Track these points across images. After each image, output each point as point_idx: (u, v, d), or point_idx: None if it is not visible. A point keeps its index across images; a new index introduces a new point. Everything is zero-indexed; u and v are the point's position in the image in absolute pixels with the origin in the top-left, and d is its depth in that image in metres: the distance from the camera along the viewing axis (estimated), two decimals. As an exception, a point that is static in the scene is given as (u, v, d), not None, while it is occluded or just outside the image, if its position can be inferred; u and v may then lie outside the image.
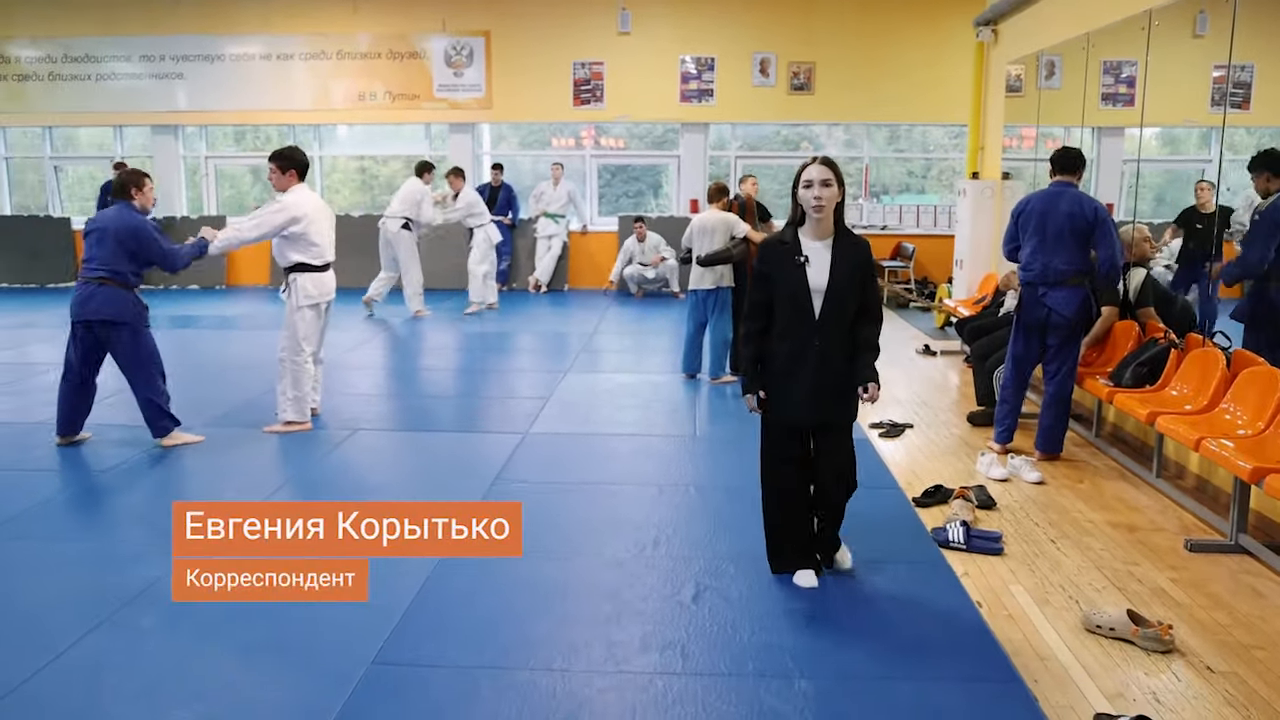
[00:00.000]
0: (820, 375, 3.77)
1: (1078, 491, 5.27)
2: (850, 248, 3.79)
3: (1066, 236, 5.61)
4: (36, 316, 11.36)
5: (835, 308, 3.74)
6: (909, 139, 14.16)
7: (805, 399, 3.80)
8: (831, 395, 3.81)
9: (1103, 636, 3.55)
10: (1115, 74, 10.54)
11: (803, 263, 3.73)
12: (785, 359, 3.80)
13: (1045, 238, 5.64)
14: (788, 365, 3.79)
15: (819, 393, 3.78)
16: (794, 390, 3.80)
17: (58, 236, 14.12)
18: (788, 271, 3.74)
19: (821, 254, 3.75)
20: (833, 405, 3.84)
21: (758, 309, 3.86)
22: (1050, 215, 5.66)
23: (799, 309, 3.75)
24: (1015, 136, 11.59)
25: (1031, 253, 5.70)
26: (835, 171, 3.73)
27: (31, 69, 13.94)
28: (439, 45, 13.42)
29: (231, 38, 13.61)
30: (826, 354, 3.76)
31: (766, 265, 3.83)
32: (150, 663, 3.40)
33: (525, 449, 6.02)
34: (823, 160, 3.73)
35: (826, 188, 3.69)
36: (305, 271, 6.24)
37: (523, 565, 4.21)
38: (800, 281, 3.72)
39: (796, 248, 3.76)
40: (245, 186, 15.34)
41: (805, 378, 3.78)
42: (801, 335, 3.76)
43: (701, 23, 13.21)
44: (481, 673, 3.33)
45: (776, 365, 3.83)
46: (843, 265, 3.74)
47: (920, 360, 8.84)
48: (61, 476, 5.43)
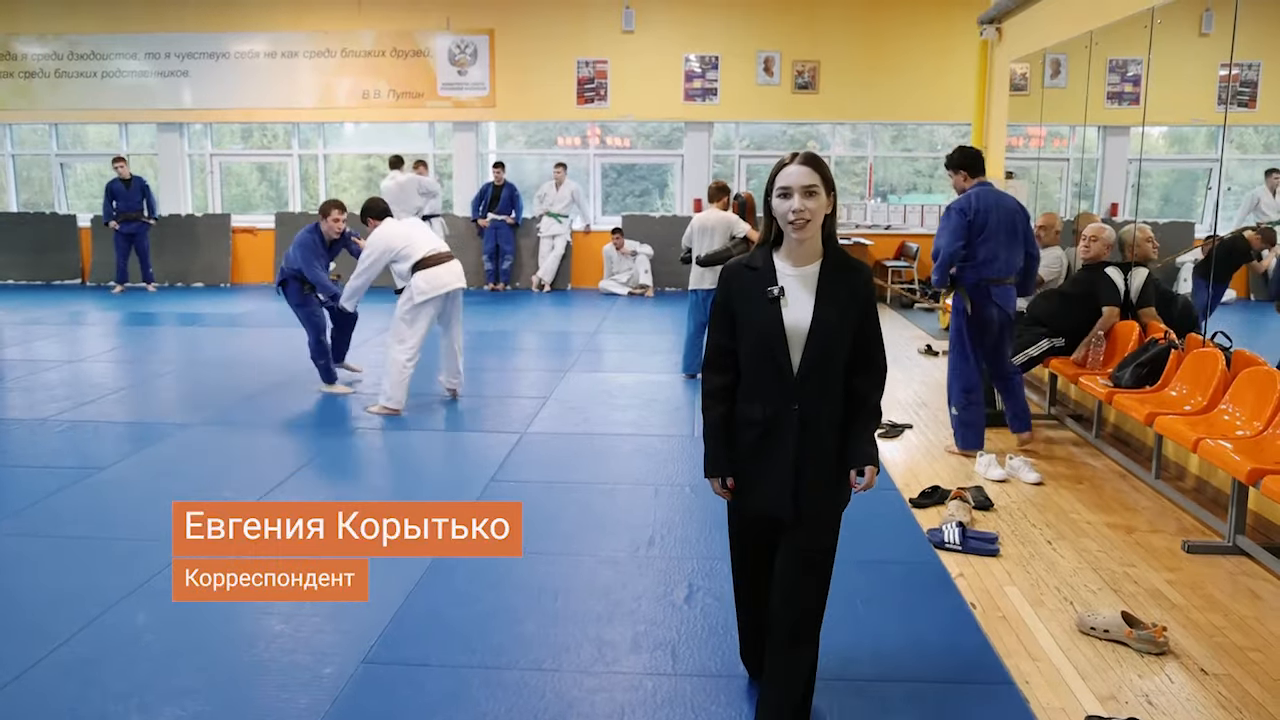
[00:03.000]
0: (801, 452, 2.74)
1: (1076, 492, 5.24)
2: (843, 276, 2.75)
3: (1017, 234, 5.78)
4: (43, 314, 11.39)
5: (821, 358, 2.71)
6: (915, 138, 14.11)
7: (780, 485, 2.76)
8: (816, 480, 2.77)
9: (1097, 638, 3.53)
10: (1120, 72, 10.49)
11: (777, 296, 2.71)
12: (753, 429, 2.78)
13: (1003, 236, 5.72)
14: (757, 438, 2.78)
15: (800, 477, 2.75)
16: (766, 473, 2.79)
17: (64, 233, 14.17)
18: (756, 308, 2.73)
19: (803, 285, 2.73)
20: (818, 493, 2.78)
21: (721, 357, 2.83)
22: (1002, 213, 5.75)
23: (771, 360, 2.72)
24: (1020, 135, 11.56)
25: (992, 251, 5.73)
26: (822, 173, 2.69)
27: (38, 66, 13.97)
28: (443, 43, 13.42)
29: (236, 35, 13.62)
30: (810, 422, 2.73)
31: (729, 297, 2.80)
32: (141, 660, 3.40)
33: (523, 448, 6.02)
34: (805, 158, 2.69)
35: (811, 197, 2.65)
36: (419, 270, 6.61)
37: (517, 564, 4.20)
38: (773, 322, 2.70)
39: (769, 276, 2.74)
40: (252, 184, 15.36)
41: (780, 456, 2.75)
42: (775, 396, 2.74)
43: (705, 21, 13.19)
44: (472, 672, 3.33)
45: (743, 437, 2.81)
46: (832, 300, 2.71)
47: (922, 360, 8.82)
48: (59, 474, 5.43)
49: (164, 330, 10.69)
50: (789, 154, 2.75)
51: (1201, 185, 12.79)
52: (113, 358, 9.04)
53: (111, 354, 9.23)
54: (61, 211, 14.46)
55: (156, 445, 6.01)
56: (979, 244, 5.73)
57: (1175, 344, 5.57)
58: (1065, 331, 6.40)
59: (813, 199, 2.68)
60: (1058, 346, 6.44)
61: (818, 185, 2.68)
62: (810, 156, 2.73)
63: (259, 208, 14.82)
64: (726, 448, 2.85)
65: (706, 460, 2.89)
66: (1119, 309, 6.24)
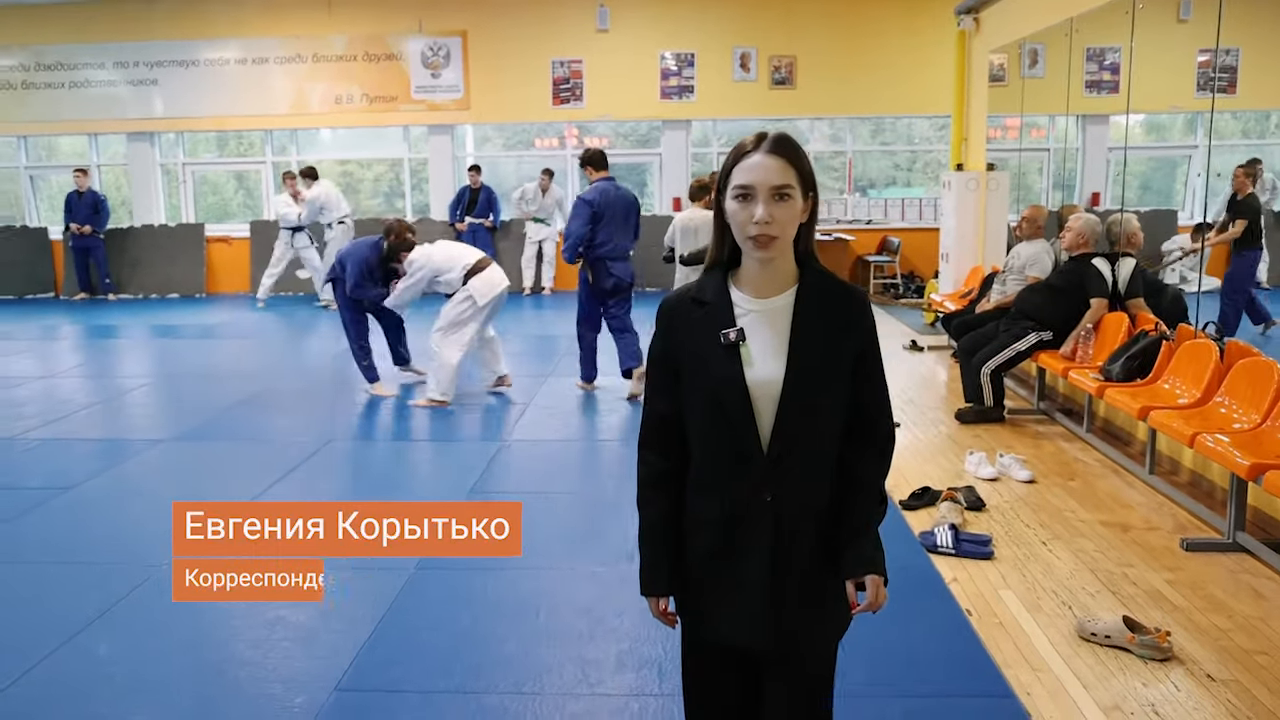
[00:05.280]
0: (778, 561, 1.95)
1: (1069, 490, 5.13)
2: (829, 307, 1.94)
3: (629, 220, 7.29)
4: (14, 328, 11.17)
5: (801, 427, 1.91)
6: (894, 131, 14.02)
7: (751, 606, 1.96)
8: (799, 599, 1.97)
9: (1098, 644, 3.41)
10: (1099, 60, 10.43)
11: (734, 342, 1.90)
12: (711, 529, 1.97)
13: (619, 222, 7.17)
14: (716, 542, 1.97)
15: (777, 595, 1.95)
16: (729, 591, 1.98)
17: (35, 246, 13.94)
18: (707, 359, 1.92)
19: (771, 324, 1.93)
20: (801, 618, 1.98)
21: (661, 430, 2.02)
22: (620, 205, 7.18)
23: (730, 433, 1.92)
24: (1000, 127, 11.48)
25: (609, 234, 7.10)
26: (799, 165, 1.88)
27: (4, 78, 13.74)
28: (416, 46, 13.25)
29: (206, 42, 13.41)
30: (788, 519, 1.93)
31: (668, 344, 2.00)
32: (101, 698, 3.24)
33: (503, 457, 5.87)
34: (774, 144, 1.87)
35: (781, 202, 1.86)
36: (472, 276, 6.93)
37: (495, 579, 4.08)
38: (731, 379, 1.90)
39: (723, 314, 1.93)
40: (229, 193, 15.15)
41: (749, 567, 1.96)
42: (738, 485, 1.93)
43: (681, 18, 13.06)
44: (449, 697, 3.19)
45: (697, 541, 2.00)
46: (814, 342, 1.91)
47: (907, 356, 8.71)
48: (23, 495, 5.25)
49: (137, 343, 10.49)
50: (752, 136, 1.90)
51: (1181, 172, 12.76)
52: (84, 372, 8.85)
53: (83, 368, 9.04)
54: (33, 225, 14.21)
55: (127, 462, 5.84)
56: (599, 229, 7.05)
57: (1166, 335, 5.47)
58: (1053, 325, 6.32)
59: (784, 205, 1.86)
60: (1045, 340, 6.34)
61: (791, 185, 1.86)
62: (781, 142, 1.88)
63: (236, 216, 14.62)
64: (670, 557, 2.03)
65: (642, 572, 2.07)
66: (1108, 300, 6.14)
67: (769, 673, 2.04)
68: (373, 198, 14.87)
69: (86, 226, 13.06)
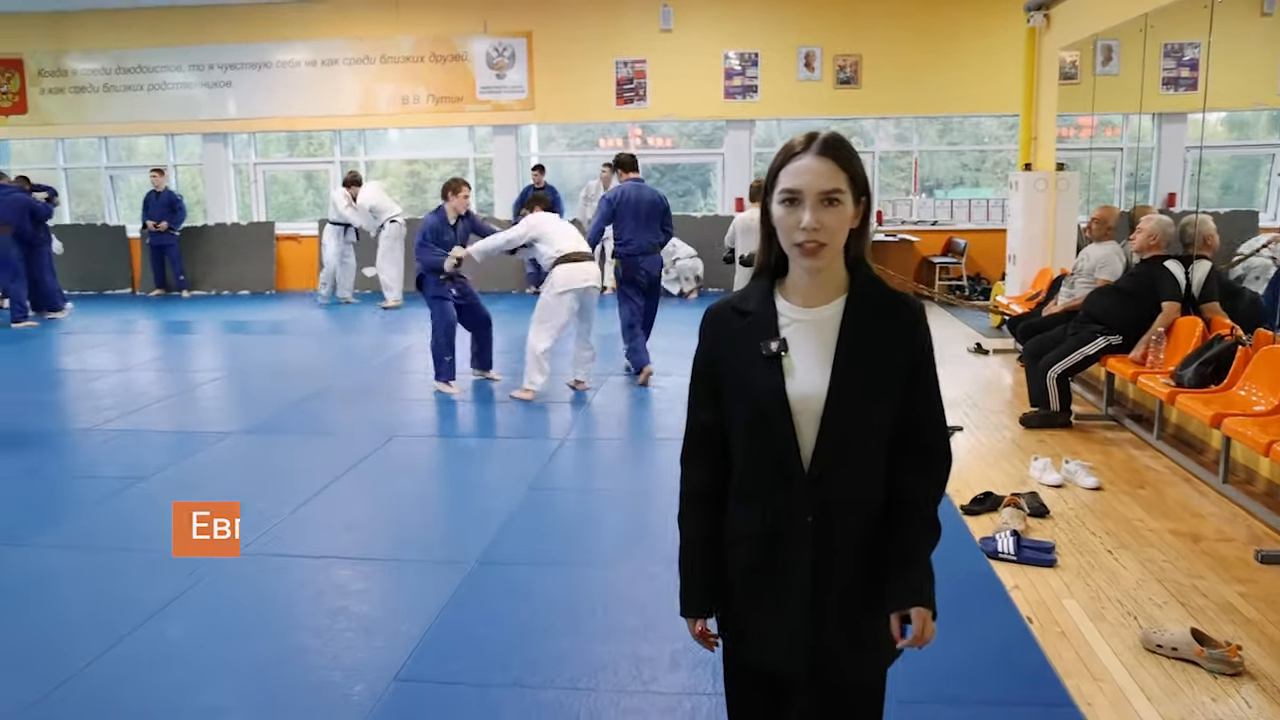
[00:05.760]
0: (819, 583, 1.85)
1: (1138, 498, 5.01)
2: (880, 319, 1.83)
3: (656, 218, 7.73)
4: (91, 323, 11.52)
5: (846, 444, 1.81)
6: (961, 131, 13.82)
7: (788, 632, 1.88)
8: (841, 626, 1.87)
9: (1164, 656, 3.33)
10: (1177, 57, 10.19)
11: (776, 353, 1.81)
12: (753, 543, 1.89)
13: (642, 220, 7.64)
14: (757, 556, 1.89)
15: (817, 620, 1.86)
16: (768, 613, 1.90)
17: (114, 244, 14.37)
18: (748, 371, 1.83)
19: (817, 335, 1.83)
20: (842, 646, 1.89)
21: (704, 442, 1.96)
22: (644, 204, 7.64)
23: (771, 448, 1.83)
24: (1072, 125, 11.26)
25: (632, 231, 7.61)
26: (850, 168, 1.77)
27: (87, 81, 14.16)
28: (481, 47, 13.38)
29: (278, 44, 13.69)
30: (831, 540, 1.84)
31: (711, 355, 1.92)
32: (173, 677, 3.33)
33: (562, 454, 5.91)
34: (824, 145, 1.77)
35: (830, 207, 1.75)
36: (560, 265, 7.05)
37: (552, 575, 4.12)
38: (772, 392, 1.81)
39: (767, 323, 1.84)
40: (299, 192, 15.46)
41: (788, 589, 1.87)
42: (779, 501, 1.84)
43: (744, 17, 13.01)
44: (505, 691, 3.21)
45: (738, 554, 1.92)
46: (862, 356, 1.80)
47: (972, 359, 8.58)
48: (100, 484, 5.42)
49: (209, 338, 10.74)
50: (801, 136, 1.80)
51: (1265, 172, 12.39)
52: (158, 366, 9.09)
53: (157, 362, 9.29)
54: (112, 223, 14.64)
55: (198, 454, 5.98)
56: (622, 227, 7.57)
57: (1242, 340, 5.32)
58: (1122, 328, 6.18)
59: (833, 210, 1.75)
60: (1114, 344, 6.21)
61: (841, 189, 1.75)
62: (832, 143, 1.77)
63: (305, 215, 14.92)
64: (711, 578, 1.96)
65: (682, 592, 2.00)
66: (1180, 304, 5.98)
67: (811, 696, 1.96)
68: (438, 197, 15.04)
69: (163, 224, 13.43)
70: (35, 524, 4.82)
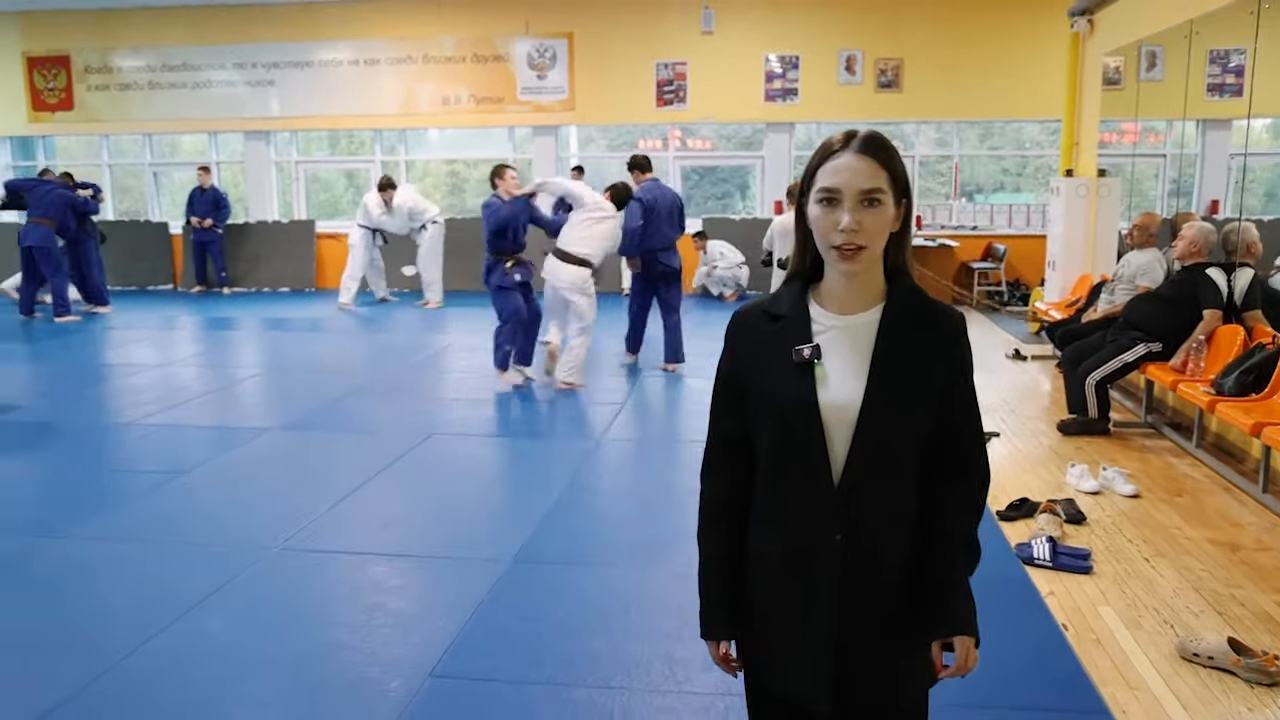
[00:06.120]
0: (847, 607, 1.73)
1: (1176, 506, 4.97)
2: (919, 329, 1.74)
3: (676, 215, 8.24)
4: (134, 319, 11.71)
5: (879, 458, 1.71)
6: (1003, 135, 13.73)
7: (811, 659, 1.76)
8: (869, 654, 1.76)
9: (1200, 665, 3.31)
10: (1222, 63, 10.05)
11: (809, 360, 1.71)
12: (775, 564, 1.78)
13: (665, 216, 8.09)
14: (779, 579, 1.79)
15: (843, 647, 1.75)
16: (790, 638, 1.79)
17: (156, 240, 14.59)
18: (777, 378, 1.74)
19: (852, 343, 1.73)
20: (871, 675, 1.78)
21: (726, 453, 1.86)
22: (665, 202, 8.11)
23: (800, 460, 1.73)
24: (1115, 131, 11.14)
25: (657, 227, 8.00)
26: (891, 167, 1.67)
27: (133, 78, 14.40)
28: (522, 48, 13.46)
29: (320, 44, 13.85)
30: (861, 561, 1.72)
31: (737, 360, 1.82)
32: (212, 669, 3.39)
33: (598, 455, 5.95)
34: (864, 142, 1.66)
35: (871, 208, 1.65)
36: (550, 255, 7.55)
37: (587, 575, 4.15)
38: (803, 401, 1.71)
39: (799, 329, 1.75)
40: (339, 191, 15.63)
41: (815, 612, 1.75)
42: (806, 518, 1.74)
43: (786, 20, 13.00)
44: (539, 689, 3.25)
45: (759, 575, 1.82)
46: (899, 367, 1.71)
47: (1010, 365, 8.52)
48: (142, 478, 5.52)
49: (249, 335, 10.89)
50: (839, 134, 1.70)
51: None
52: (199, 362, 9.23)
53: (198, 358, 9.43)
54: (155, 219, 14.87)
55: (237, 449, 6.08)
56: (649, 224, 7.92)
57: (1285, 349, 5.26)
58: (1163, 336, 6.12)
59: (873, 211, 1.65)
60: (1154, 351, 6.15)
61: (882, 189, 1.65)
62: (872, 140, 1.67)
63: (345, 213, 15.06)
64: (732, 598, 1.85)
65: (702, 613, 1.89)
66: (1222, 312, 5.92)
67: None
68: (478, 197, 15.16)
69: (208, 221, 13.63)
70: (75, 516, 4.91)
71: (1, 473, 5.69)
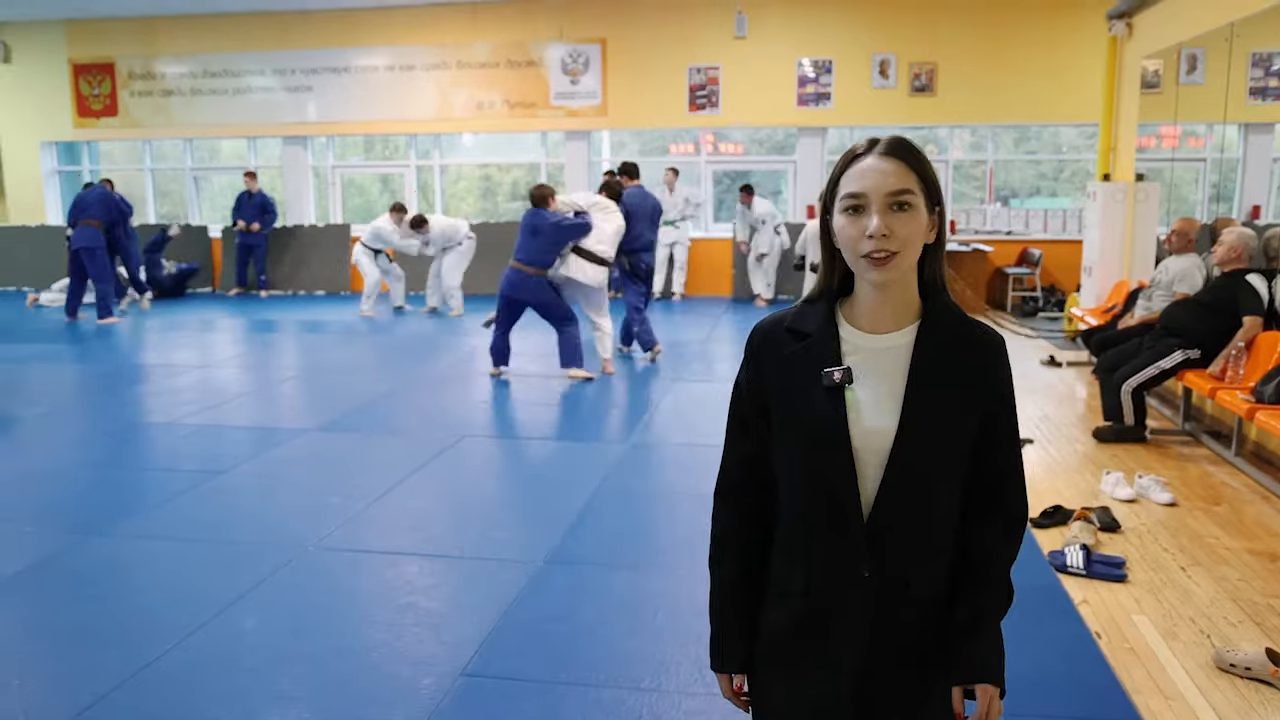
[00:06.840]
0: (875, 645, 1.62)
1: (1213, 515, 4.91)
2: (959, 346, 1.62)
3: (657, 220, 9.01)
4: (177, 320, 11.88)
5: (914, 493, 1.59)
6: (1039, 140, 13.63)
7: (832, 703, 1.65)
8: (894, 694, 1.65)
9: (1237, 676, 3.27)
10: (1265, 66, 9.92)
11: (839, 383, 1.58)
12: (795, 604, 1.67)
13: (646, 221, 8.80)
14: (799, 619, 1.66)
15: (867, 686, 1.63)
16: (809, 681, 1.66)
17: (197, 244, 14.78)
18: (803, 401, 1.61)
19: (886, 365, 1.61)
20: (894, 716, 1.67)
21: (738, 475, 1.77)
22: (647, 207, 8.78)
23: (826, 493, 1.61)
24: (1154, 135, 11.03)
25: (638, 230, 8.63)
26: (920, 170, 1.56)
27: (175, 85, 14.63)
28: (556, 53, 13.53)
29: (357, 50, 14.00)
30: (887, 599, 1.61)
31: (760, 380, 1.69)
32: (246, 666, 3.44)
33: (630, 458, 5.96)
34: (890, 146, 1.56)
35: (900, 212, 1.53)
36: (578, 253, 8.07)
37: (617, 577, 4.17)
38: (831, 428, 1.58)
39: (827, 349, 1.61)
40: (374, 195, 15.78)
41: (836, 657, 1.64)
42: (830, 556, 1.63)
43: (819, 25, 12.97)
44: (568, 689, 3.27)
45: (778, 615, 1.70)
46: (937, 392, 1.59)
47: (1044, 371, 8.44)
48: (181, 477, 5.60)
49: (286, 337, 11.01)
50: (863, 140, 1.59)
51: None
52: (238, 363, 9.35)
53: (236, 360, 9.55)
54: (195, 223, 15.08)
55: (274, 450, 6.15)
56: (632, 226, 8.43)
57: (1326, 357, 5.18)
58: (1201, 343, 6.05)
59: (904, 215, 1.53)
60: (1192, 358, 6.08)
61: (912, 191, 1.53)
62: (898, 144, 1.56)
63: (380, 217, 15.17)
64: (746, 629, 1.74)
65: (713, 643, 1.79)
66: (1262, 319, 5.85)
67: None
68: (511, 201, 15.28)
69: (254, 225, 13.78)
70: (116, 514, 4.99)
71: (45, 471, 5.79)
